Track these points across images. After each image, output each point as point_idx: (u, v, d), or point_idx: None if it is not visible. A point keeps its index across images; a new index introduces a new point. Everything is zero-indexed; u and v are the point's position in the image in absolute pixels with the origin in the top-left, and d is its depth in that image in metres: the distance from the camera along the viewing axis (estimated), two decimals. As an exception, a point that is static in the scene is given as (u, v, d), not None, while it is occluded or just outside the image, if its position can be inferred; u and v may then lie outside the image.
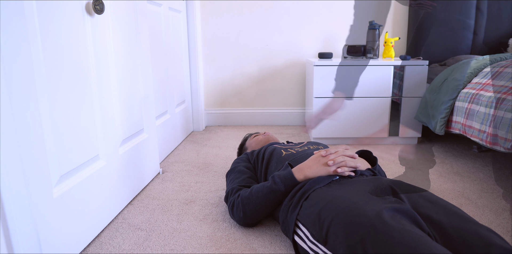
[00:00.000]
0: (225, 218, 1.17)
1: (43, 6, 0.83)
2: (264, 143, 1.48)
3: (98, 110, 1.07)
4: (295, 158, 1.14)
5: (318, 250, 0.81)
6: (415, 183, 1.44)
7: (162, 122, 1.77)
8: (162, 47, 1.78)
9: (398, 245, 0.67)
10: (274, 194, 1.02)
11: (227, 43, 2.47)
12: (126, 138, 1.27)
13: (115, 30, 1.18)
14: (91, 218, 1.04)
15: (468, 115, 1.48)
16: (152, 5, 1.67)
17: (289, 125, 2.57)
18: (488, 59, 1.57)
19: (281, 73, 2.51)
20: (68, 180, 0.95)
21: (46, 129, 0.85)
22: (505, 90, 1.32)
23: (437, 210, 0.80)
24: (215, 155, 1.86)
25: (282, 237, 1.05)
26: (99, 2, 1.03)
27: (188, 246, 1.01)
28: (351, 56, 2.13)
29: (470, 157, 1.78)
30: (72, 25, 0.95)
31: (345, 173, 0.98)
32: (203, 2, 2.40)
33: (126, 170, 1.27)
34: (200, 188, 1.42)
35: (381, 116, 1.99)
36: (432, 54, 2.25)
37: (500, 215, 1.17)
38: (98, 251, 0.99)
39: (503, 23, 2.20)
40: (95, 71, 1.06)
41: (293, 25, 2.43)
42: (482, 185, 1.42)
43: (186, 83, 2.26)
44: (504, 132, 1.23)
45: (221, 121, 2.60)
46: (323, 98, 1.97)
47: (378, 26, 2.01)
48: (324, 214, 0.82)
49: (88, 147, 1.03)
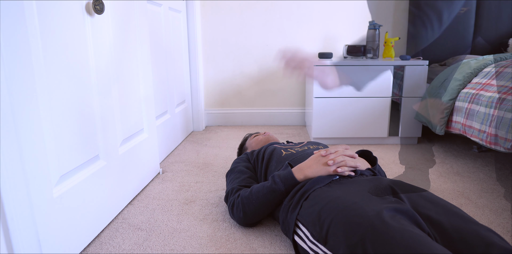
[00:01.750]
0: (225, 218, 1.17)
1: (43, 6, 0.83)
2: (264, 143, 1.48)
3: (98, 110, 1.07)
4: (295, 158, 1.14)
5: (318, 250, 0.81)
6: (415, 183, 1.44)
7: (162, 122, 1.77)
8: (162, 47, 1.78)
9: (398, 245, 0.67)
10: (274, 194, 1.02)
11: (227, 43, 2.47)
12: (126, 138, 1.27)
13: (115, 30, 1.18)
14: (91, 218, 1.04)
15: (468, 115, 1.48)
16: (152, 5, 1.67)
17: (289, 125, 2.57)
18: (488, 59, 1.57)
19: (281, 73, 2.51)
20: (68, 180, 0.95)
21: (46, 129, 0.85)
22: (505, 90, 1.32)
23: (437, 210, 0.80)
24: (215, 155, 1.86)
25: (282, 237, 1.05)
26: (99, 2, 1.03)
27: (188, 246, 1.01)
28: (351, 56, 2.13)
29: (470, 157, 1.78)
30: (72, 25, 0.95)
31: (345, 172, 0.98)
32: (203, 2, 2.40)
33: (126, 170, 1.27)
34: (200, 188, 1.42)
35: (381, 116, 1.99)
36: (432, 54, 2.25)
37: (500, 215, 1.17)
38: (98, 251, 0.99)
39: (503, 23, 2.20)
40: (95, 71, 1.06)
41: (293, 25, 2.43)
42: (482, 185, 1.42)
43: (186, 83, 2.26)
44: (504, 132, 1.23)
45: (221, 121, 2.60)
46: (323, 98, 1.97)
47: (378, 26, 2.01)
48: (324, 214, 0.82)
49: (88, 147, 1.03)
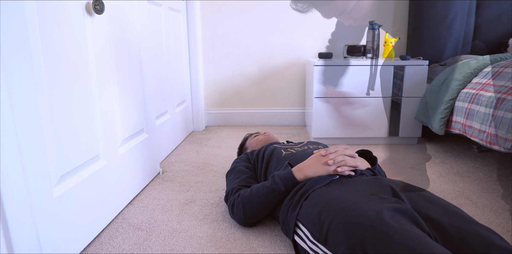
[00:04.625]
0: (225, 218, 1.17)
1: (43, 6, 0.83)
2: (264, 143, 1.48)
3: (98, 110, 1.07)
4: (295, 158, 1.14)
5: (318, 250, 0.81)
6: (415, 183, 1.44)
7: (162, 122, 1.77)
8: (162, 47, 1.78)
9: (398, 245, 0.67)
10: (274, 194, 1.02)
11: (227, 43, 2.47)
12: (126, 138, 1.27)
13: (115, 30, 1.18)
14: (91, 218, 1.04)
15: (468, 115, 1.48)
16: (152, 5, 1.67)
17: (289, 125, 2.57)
18: (488, 59, 1.57)
19: (281, 73, 2.51)
20: (68, 180, 0.95)
21: (46, 129, 0.85)
22: (505, 90, 1.32)
23: (437, 210, 0.80)
24: (215, 155, 1.86)
25: (282, 237, 1.05)
26: (99, 2, 1.03)
27: (188, 246, 1.01)
28: (351, 56, 2.13)
29: (470, 157, 1.78)
30: (72, 25, 0.95)
31: (345, 172, 0.98)
32: (203, 2, 2.40)
33: (126, 170, 1.27)
34: (200, 188, 1.42)
35: (381, 116, 1.99)
36: (432, 54, 2.25)
37: (500, 215, 1.17)
38: (98, 251, 0.99)
39: (503, 23, 2.20)
40: (95, 71, 1.06)
41: (293, 25, 2.43)
42: (482, 185, 1.42)
43: (186, 83, 2.26)
44: (504, 132, 1.23)
45: (221, 121, 2.60)
46: (323, 98, 1.97)
47: (378, 26, 2.01)
48: (324, 214, 0.82)
49: (88, 147, 1.03)
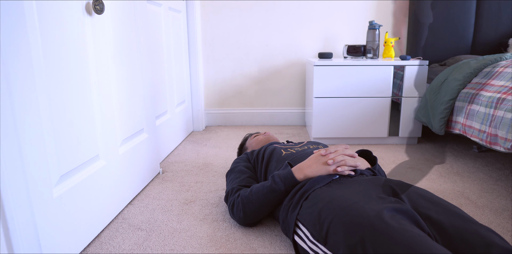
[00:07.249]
0: (225, 218, 1.17)
1: (43, 6, 0.83)
2: (264, 143, 1.48)
3: (98, 110, 1.07)
4: (295, 158, 1.14)
5: (318, 250, 0.81)
6: (415, 183, 1.44)
7: (162, 122, 1.77)
8: (162, 47, 1.78)
9: (398, 245, 0.67)
10: (274, 194, 1.02)
11: (227, 43, 2.47)
12: (126, 138, 1.27)
13: (115, 30, 1.18)
14: (91, 218, 1.04)
15: (468, 115, 1.48)
16: (152, 5, 1.67)
17: (289, 125, 2.57)
18: (488, 59, 1.57)
19: (281, 73, 2.51)
20: (68, 180, 0.95)
21: (46, 129, 0.85)
22: (505, 90, 1.32)
23: (437, 210, 0.80)
24: (215, 155, 1.86)
25: (282, 237, 1.05)
26: (99, 2, 1.03)
27: (188, 246, 1.01)
28: (351, 56, 2.13)
29: (470, 157, 1.78)
30: (72, 25, 0.95)
31: (345, 172, 0.98)
32: (203, 2, 2.40)
33: (126, 170, 1.27)
34: (200, 188, 1.42)
35: (381, 116, 1.99)
36: (432, 54, 2.25)
37: (500, 215, 1.17)
38: (98, 251, 0.99)
39: (503, 23, 2.20)
40: (95, 71, 1.06)
41: (293, 25, 2.43)
42: (482, 185, 1.42)
43: (186, 83, 2.26)
44: (504, 132, 1.23)
45: (221, 121, 2.60)
46: (323, 98, 1.97)
47: (378, 26, 2.01)
48: (324, 214, 0.82)
49: (88, 147, 1.03)
